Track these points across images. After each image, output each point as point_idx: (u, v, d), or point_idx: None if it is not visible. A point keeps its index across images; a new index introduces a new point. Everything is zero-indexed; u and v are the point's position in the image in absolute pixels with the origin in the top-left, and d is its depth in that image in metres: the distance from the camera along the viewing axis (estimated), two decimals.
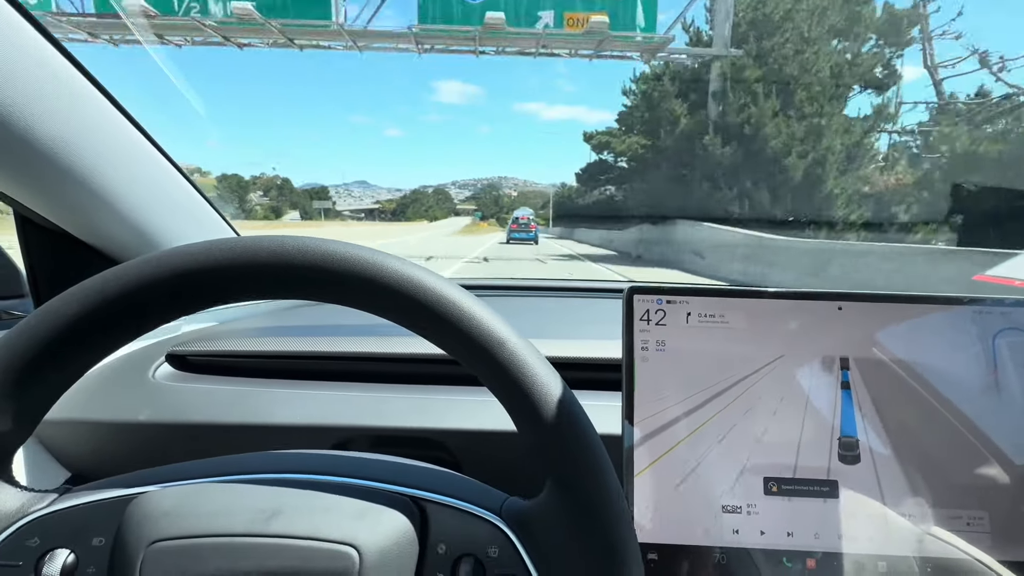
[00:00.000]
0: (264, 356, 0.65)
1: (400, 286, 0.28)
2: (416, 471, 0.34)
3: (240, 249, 0.28)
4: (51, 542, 0.28)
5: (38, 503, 0.29)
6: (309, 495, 0.29)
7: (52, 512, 0.29)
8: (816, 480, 0.41)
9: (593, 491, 0.28)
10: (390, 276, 0.28)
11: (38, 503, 0.29)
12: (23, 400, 0.28)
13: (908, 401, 0.42)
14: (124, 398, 0.60)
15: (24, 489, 0.30)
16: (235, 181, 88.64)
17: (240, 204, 76.27)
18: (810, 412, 0.42)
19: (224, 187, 60.08)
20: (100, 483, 0.31)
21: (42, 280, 0.66)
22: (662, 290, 0.44)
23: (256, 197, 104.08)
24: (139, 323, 0.28)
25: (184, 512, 0.28)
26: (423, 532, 0.30)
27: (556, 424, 0.28)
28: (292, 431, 0.56)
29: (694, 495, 0.41)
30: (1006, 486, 0.40)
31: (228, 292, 0.28)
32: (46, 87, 0.49)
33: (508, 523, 0.30)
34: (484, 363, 0.28)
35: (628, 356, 0.43)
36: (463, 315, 0.28)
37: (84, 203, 0.58)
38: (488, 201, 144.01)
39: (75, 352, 0.28)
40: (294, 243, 0.28)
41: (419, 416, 0.55)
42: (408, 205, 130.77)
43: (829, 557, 0.40)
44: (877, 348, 0.42)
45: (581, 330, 0.73)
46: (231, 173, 18.59)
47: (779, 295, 0.43)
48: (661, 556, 0.41)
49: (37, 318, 0.27)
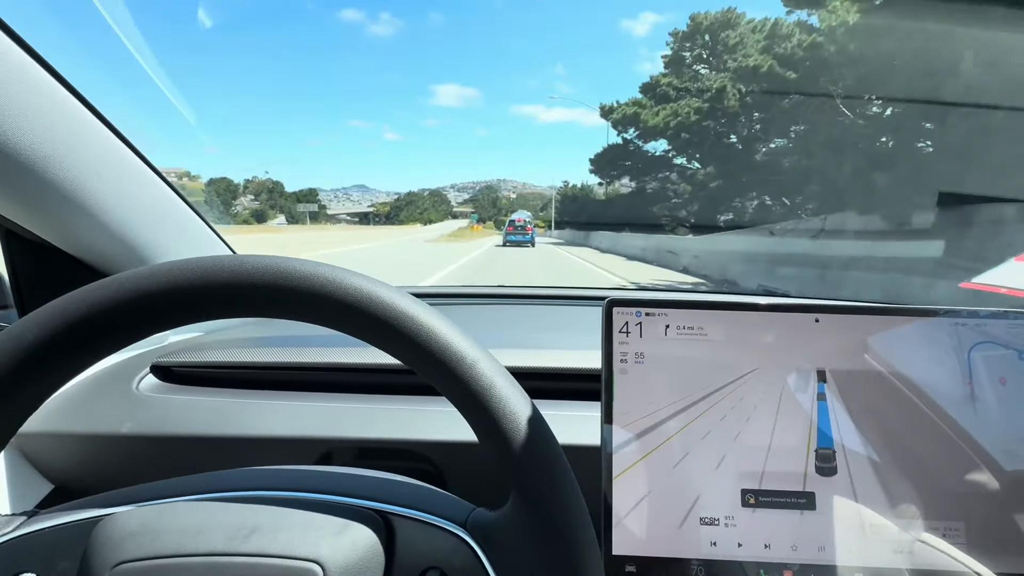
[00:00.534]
0: (249, 367, 0.65)
1: (352, 300, 0.28)
2: (383, 484, 0.34)
3: (198, 269, 0.28)
4: (18, 566, 0.28)
5: (5, 527, 0.29)
6: (275, 512, 0.30)
7: (18, 536, 0.29)
8: (793, 492, 0.41)
9: (554, 502, 0.28)
10: (344, 291, 0.28)
11: (5, 527, 0.29)
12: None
13: (885, 413, 0.42)
14: (108, 410, 0.60)
15: None
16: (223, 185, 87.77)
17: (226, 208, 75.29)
18: (787, 424, 0.42)
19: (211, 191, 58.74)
20: (68, 505, 0.31)
21: (26, 291, 0.66)
22: (641, 302, 0.44)
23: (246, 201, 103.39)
24: (100, 346, 0.28)
25: (149, 532, 0.28)
26: (389, 545, 0.30)
27: (516, 437, 0.28)
28: (276, 443, 0.56)
29: (673, 507, 0.42)
30: (983, 497, 0.40)
31: (190, 312, 0.28)
32: (28, 100, 0.49)
33: (472, 535, 0.30)
34: (440, 375, 0.28)
35: (607, 368, 0.43)
36: (419, 329, 0.28)
37: (67, 215, 0.58)
38: (486, 203, 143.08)
39: (33, 377, 0.28)
40: (254, 262, 0.28)
41: (403, 428, 0.55)
42: (402, 208, 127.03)
43: (807, 569, 0.40)
44: (854, 360, 0.42)
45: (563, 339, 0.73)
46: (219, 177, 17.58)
47: (756, 307, 0.43)
48: (639, 568, 0.41)
49: (6, 335, 0.27)
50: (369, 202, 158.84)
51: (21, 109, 0.49)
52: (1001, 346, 0.42)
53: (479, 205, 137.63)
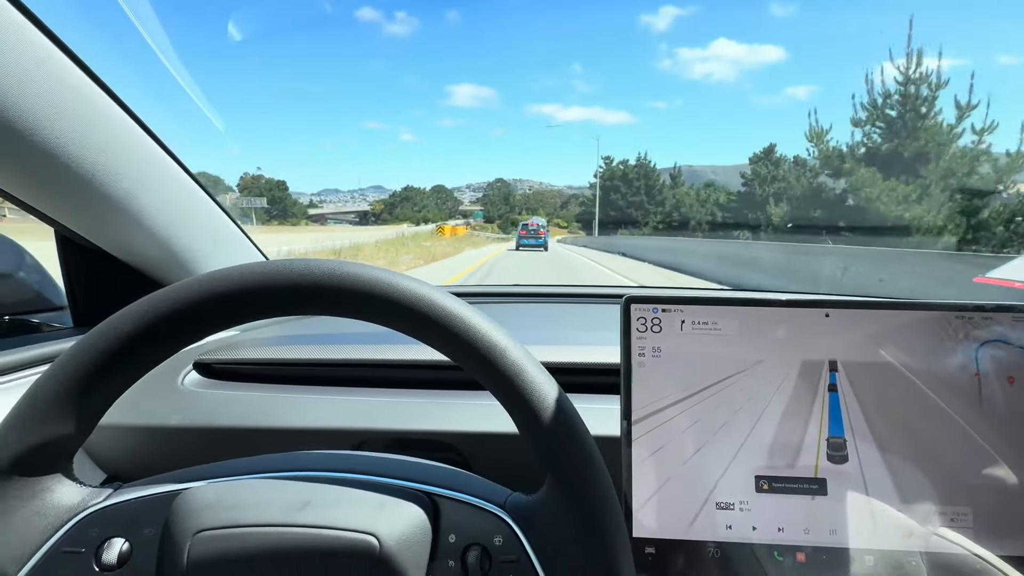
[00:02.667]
0: (284, 364, 0.69)
1: (410, 303, 0.31)
2: (429, 469, 0.37)
3: (272, 272, 0.31)
4: (108, 532, 0.32)
5: (96, 498, 0.33)
6: (335, 490, 0.33)
7: (108, 506, 0.33)
8: (805, 478, 0.43)
9: (586, 487, 0.31)
10: (400, 294, 0.31)
11: (96, 498, 0.33)
12: (83, 407, 0.31)
13: (894, 403, 0.44)
14: (156, 404, 0.64)
15: (83, 485, 0.34)
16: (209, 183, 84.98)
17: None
18: (799, 414, 0.44)
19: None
20: (148, 480, 0.35)
21: (79, 294, 0.71)
22: (658, 299, 0.47)
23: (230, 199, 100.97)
24: (185, 338, 0.32)
25: (225, 505, 0.31)
26: (435, 524, 0.33)
27: (552, 426, 0.31)
28: (312, 434, 0.59)
29: (689, 492, 0.44)
30: (990, 484, 0.42)
31: (262, 310, 0.32)
32: (83, 115, 0.54)
33: (511, 515, 0.33)
34: (486, 371, 0.31)
35: (626, 362, 0.46)
36: (467, 327, 0.31)
37: (118, 223, 0.62)
38: (496, 199, 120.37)
39: (128, 364, 0.32)
40: (320, 266, 0.31)
41: (430, 419, 0.59)
42: (396, 204, 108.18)
43: (818, 551, 0.42)
44: (864, 352, 0.44)
45: (584, 335, 0.76)
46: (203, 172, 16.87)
47: (768, 303, 0.46)
48: (658, 550, 0.43)
49: (96, 335, 0.31)
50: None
51: (83, 125, 0.53)
52: (1010, 344, 0.43)
53: (489, 201, 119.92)
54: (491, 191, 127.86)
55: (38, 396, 0.31)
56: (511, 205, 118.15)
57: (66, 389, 0.31)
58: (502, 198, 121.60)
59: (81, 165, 0.55)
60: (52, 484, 0.32)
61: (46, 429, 0.31)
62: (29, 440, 0.31)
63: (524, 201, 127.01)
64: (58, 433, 0.31)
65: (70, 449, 0.33)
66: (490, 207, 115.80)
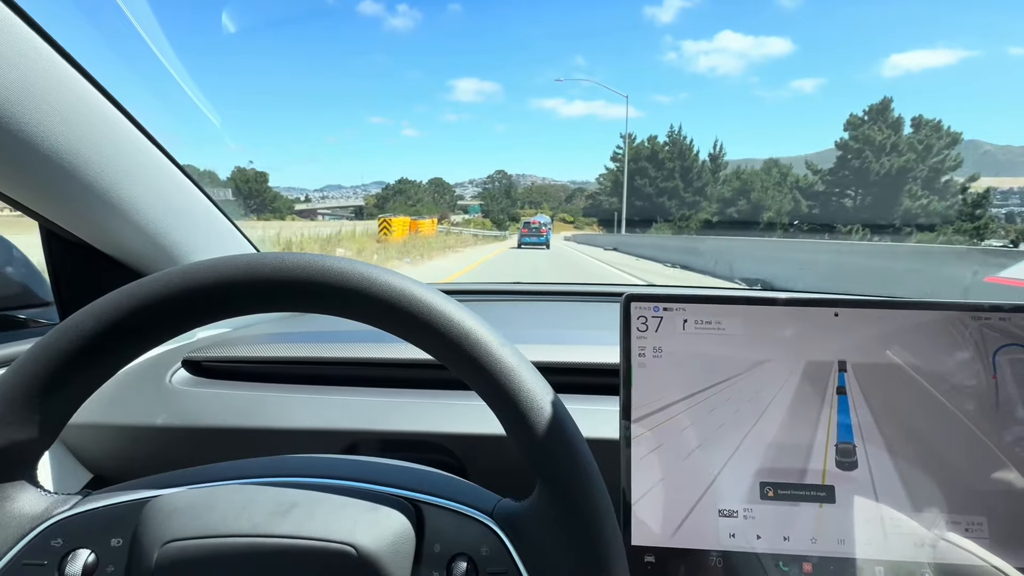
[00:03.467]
0: (275, 362, 0.67)
1: (389, 298, 0.29)
2: (414, 473, 0.35)
3: (243, 265, 0.29)
4: (73, 543, 0.30)
5: (61, 506, 0.31)
6: (313, 496, 0.31)
7: (74, 514, 0.31)
8: (813, 485, 0.41)
9: (577, 493, 0.29)
10: (378, 288, 0.29)
11: (61, 506, 0.31)
12: (46, 410, 0.29)
13: (905, 407, 0.42)
14: (142, 403, 0.62)
15: (48, 493, 0.32)
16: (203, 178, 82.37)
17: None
18: (806, 418, 0.42)
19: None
20: (118, 487, 0.33)
21: (65, 289, 0.69)
22: (659, 297, 0.45)
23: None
24: (152, 337, 0.30)
25: (196, 513, 0.29)
26: (419, 532, 0.31)
27: (542, 430, 0.29)
28: (303, 435, 0.58)
29: (691, 499, 0.42)
30: (1006, 492, 0.40)
31: (234, 306, 0.30)
32: (67, 107, 0.52)
33: (499, 523, 0.31)
34: (471, 370, 0.29)
35: (626, 362, 0.44)
36: (450, 324, 0.29)
37: (104, 217, 0.60)
38: (497, 192, 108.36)
39: (92, 364, 0.30)
40: (295, 259, 0.30)
41: (424, 420, 0.57)
42: (389, 198, 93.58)
43: (826, 561, 0.40)
44: (873, 354, 0.42)
45: (583, 335, 0.74)
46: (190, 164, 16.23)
47: (774, 302, 0.44)
48: (658, 558, 0.42)
49: (56, 334, 0.29)
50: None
51: (63, 116, 0.51)
52: None
53: (489, 195, 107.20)
54: (491, 184, 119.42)
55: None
56: (512, 199, 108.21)
57: (25, 392, 0.29)
58: (503, 191, 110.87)
59: (63, 156, 0.53)
60: (13, 492, 0.30)
61: (5, 435, 0.29)
62: None
63: (527, 194, 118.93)
64: (17, 438, 0.29)
65: (32, 454, 0.31)
66: (490, 201, 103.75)
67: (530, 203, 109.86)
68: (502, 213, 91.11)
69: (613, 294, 1.03)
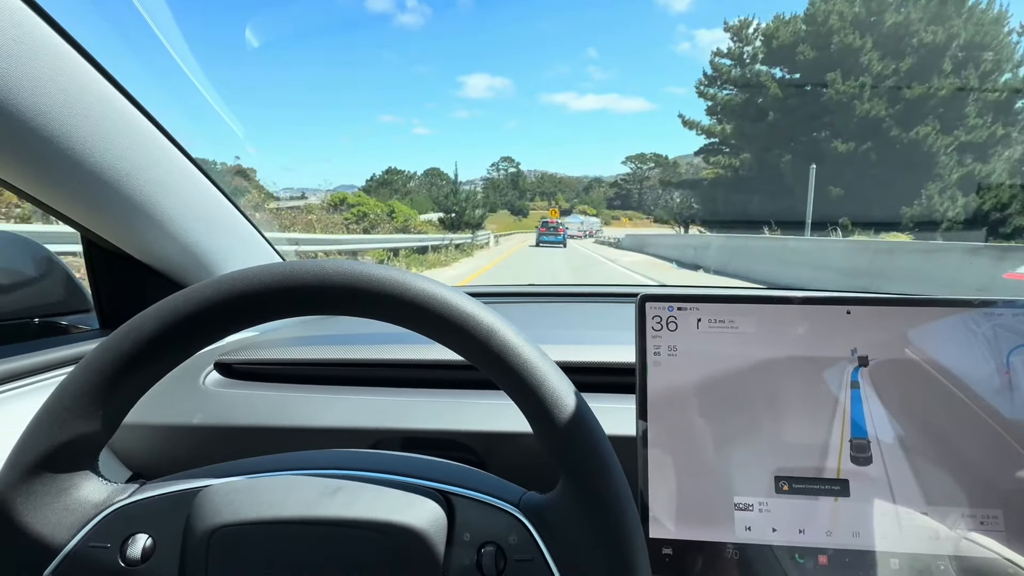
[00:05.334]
0: (302, 364, 0.70)
1: (423, 302, 0.31)
2: (444, 467, 0.37)
3: (288, 272, 0.32)
4: (133, 528, 0.33)
5: (121, 494, 0.34)
6: (353, 486, 0.33)
7: (133, 502, 0.33)
8: (827, 479, 0.42)
9: (600, 485, 0.31)
10: (413, 294, 0.31)
11: (121, 494, 0.34)
12: (109, 405, 0.32)
13: (920, 402, 0.42)
14: (178, 403, 0.65)
15: (109, 482, 0.35)
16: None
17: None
18: (821, 414, 0.43)
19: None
20: (171, 477, 0.36)
21: (104, 296, 0.73)
22: (673, 297, 0.46)
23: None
24: (206, 337, 0.33)
25: (244, 501, 0.32)
26: (450, 521, 0.33)
27: (565, 423, 0.31)
28: (330, 433, 0.60)
29: (707, 493, 0.43)
30: (1021, 487, 0.41)
31: (279, 310, 0.32)
32: (110, 126, 0.55)
33: (525, 514, 0.33)
34: (499, 369, 0.31)
35: (641, 360, 0.45)
36: (479, 327, 0.31)
37: (142, 228, 0.64)
38: (502, 183, 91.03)
39: (151, 363, 0.32)
40: (334, 266, 0.32)
41: (446, 419, 0.59)
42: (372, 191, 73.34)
43: (841, 554, 0.41)
44: (887, 350, 0.43)
45: (599, 335, 0.75)
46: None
47: (787, 300, 0.45)
48: (675, 551, 0.43)
49: (120, 335, 0.32)
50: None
51: (106, 132, 0.55)
52: None
53: (493, 186, 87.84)
54: (496, 172, 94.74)
55: (65, 396, 0.32)
56: (521, 190, 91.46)
57: (92, 388, 0.32)
58: (509, 181, 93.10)
59: (105, 172, 0.56)
60: (79, 481, 0.33)
61: (73, 427, 0.32)
62: (57, 438, 0.32)
63: (538, 184, 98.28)
64: (84, 431, 0.32)
65: (96, 446, 0.34)
66: (493, 193, 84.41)
67: (541, 194, 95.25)
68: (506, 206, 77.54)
69: (627, 295, 1.04)
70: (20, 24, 0.45)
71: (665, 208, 43.94)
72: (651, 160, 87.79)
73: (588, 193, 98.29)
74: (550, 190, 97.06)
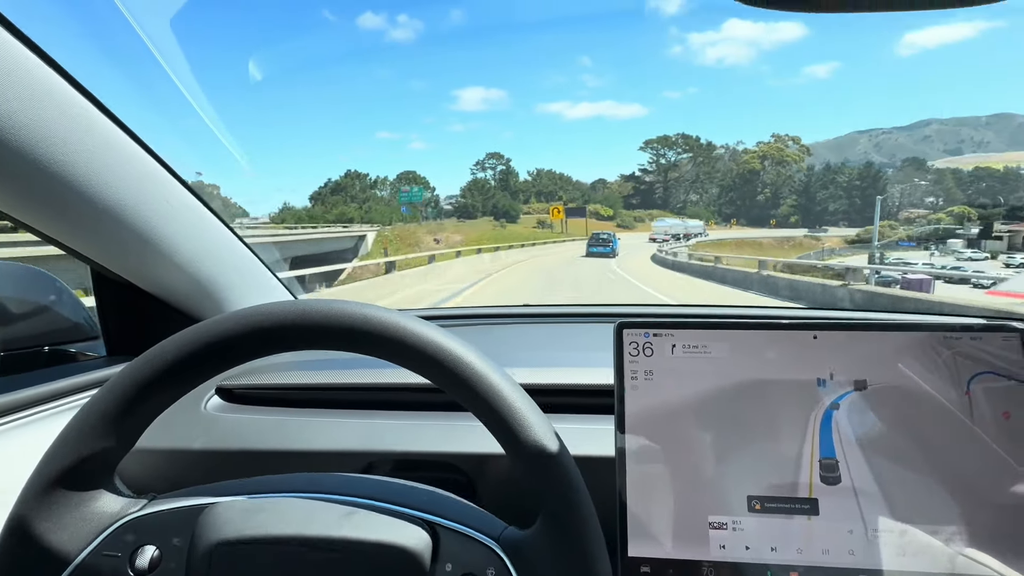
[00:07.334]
0: (300, 388, 0.72)
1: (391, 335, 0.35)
2: (432, 497, 0.40)
3: (292, 310, 0.36)
4: (142, 539, 0.36)
5: (132, 507, 0.37)
6: (345, 511, 0.36)
7: (143, 515, 0.36)
8: (797, 498, 0.44)
9: (575, 530, 0.34)
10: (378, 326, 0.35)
11: (132, 507, 0.37)
12: (127, 425, 0.36)
13: (886, 423, 0.44)
14: (181, 428, 0.68)
15: (122, 495, 0.37)
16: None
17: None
18: (792, 435, 0.45)
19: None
20: (179, 492, 0.39)
21: (112, 325, 0.76)
22: (649, 324, 0.49)
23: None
24: (219, 366, 0.36)
25: (246, 519, 0.34)
26: (435, 550, 0.35)
27: (542, 467, 0.34)
28: (326, 456, 0.62)
29: (683, 512, 0.45)
30: (982, 502, 0.42)
31: (289, 343, 0.36)
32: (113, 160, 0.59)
33: (504, 549, 0.35)
34: (473, 406, 0.34)
35: (619, 384, 0.47)
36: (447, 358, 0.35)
37: (148, 260, 0.67)
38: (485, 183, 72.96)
39: (168, 388, 0.36)
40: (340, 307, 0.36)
41: (436, 441, 0.61)
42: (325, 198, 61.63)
43: (812, 571, 0.43)
44: (854, 373, 0.45)
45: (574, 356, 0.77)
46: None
47: (756, 326, 0.47)
48: (653, 569, 0.45)
49: (143, 361, 0.36)
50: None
51: (109, 168, 0.58)
52: (1003, 377, 0.43)
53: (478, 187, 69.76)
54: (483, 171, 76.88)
55: (91, 414, 0.35)
56: (512, 191, 73.95)
57: (115, 409, 0.35)
58: (498, 182, 75.27)
59: (111, 206, 0.59)
60: (96, 493, 0.36)
61: (95, 443, 0.35)
62: (80, 452, 0.35)
63: (535, 183, 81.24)
64: (105, 447, 0.35)
65: (113, 462, 0.37)
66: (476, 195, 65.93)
67: (538, 194, 79.66)
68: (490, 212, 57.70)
69: (604, 315, 1.06)
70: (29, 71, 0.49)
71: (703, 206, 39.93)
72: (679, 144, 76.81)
73: (596, 192, 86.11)
74: (549, 189, 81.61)
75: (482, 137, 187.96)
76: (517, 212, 62.97)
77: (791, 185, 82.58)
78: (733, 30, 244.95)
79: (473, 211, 60.65)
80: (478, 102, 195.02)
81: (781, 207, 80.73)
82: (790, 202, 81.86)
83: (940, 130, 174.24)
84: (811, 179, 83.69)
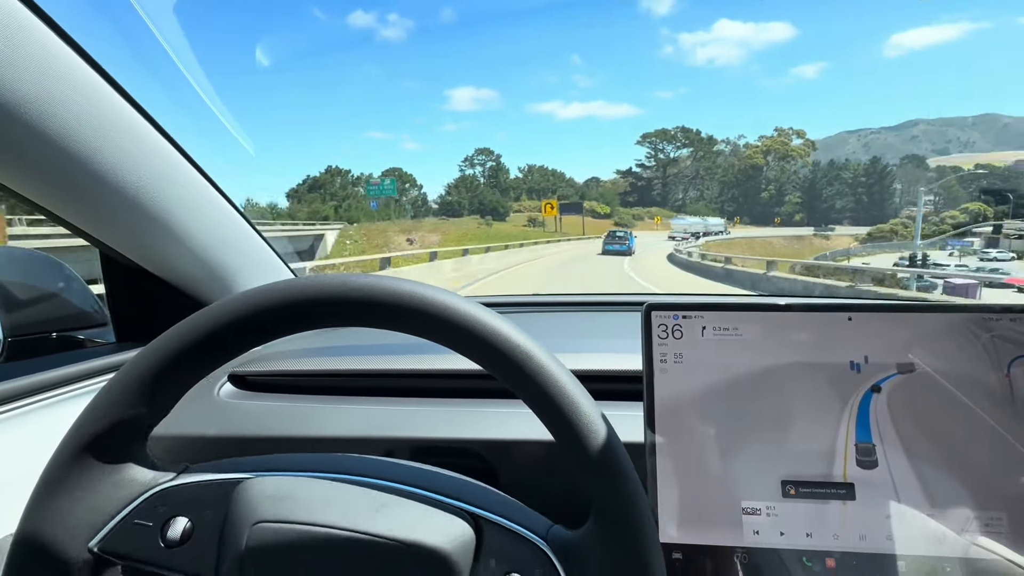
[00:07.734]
0: (314, 375, 0.71)
1: (450, 317, 0.33)
2: (472, 488, 0.38)
3: (321, 285, 0.34)
4: (174, 510, 0.34)
5: (164, 477, 0.36)
6: (385, 498, 0.34)
7: (175, 485, 0.35)
8: (833, 483, 0.43)
9: (631, 532, 0.32)
10: (449, 311, 0.33)
11: (164, 477, 0.36)
12: (161, 393, 0.35)
13: (923, 407, 0.43)
14: (194, 415, 0.67)
15: (154, 465, 0.36)
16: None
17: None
18: (826, 419, 0.44)
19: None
20: (211, 464, 0.37)
21: (121, 311, 0.75)
22: (678, 306, 0.47)
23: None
24: (250, 342, 0.35)
25: (283, 500, 0.33)
26: (478, 545, 0.34)
27: (599, 463, 0.32)
28: (342, 442, 0.61)
29: (715, 498, 0.44)
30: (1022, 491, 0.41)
31: (314, 320, 0.34)
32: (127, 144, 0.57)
33: (553, 549, 0.33)
34: (522, 384, 0.33)
35: (648, 368, 0.46)
36: (528, 362, 0.33)
37: (159, 244, 0.66)
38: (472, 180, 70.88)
39: (200, 360, 0.35)
40: (356, 281, 0.33)
41: (457, 427, 0.60)
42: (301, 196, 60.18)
43: (848, 557, 0.42)
44: (889, 356, 0.44)
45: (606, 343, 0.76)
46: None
47: (790, 307, 0.46)
48: (685, 555, 0.44)
49: (177, 331, 0.34)
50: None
51: (124, 151, 0.57)
52: None
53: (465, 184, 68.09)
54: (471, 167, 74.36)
55: (126, 379, 0.34)
56: (503, 188, 71.71)
57: (150, 375, 0.34)
58: (487, 179, 73.13)
59: (123, 188, 0.58)
60: (129, 461, 0.35)
61: (129, 409, 0.34)
62: (114, 417, 0.34)
63: (526, 180, 79.12)
64: (138, 414, 0.34)
65: (145, 430, 0.36)
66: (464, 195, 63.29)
67: (530, 191, 78.38)
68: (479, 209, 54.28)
69: (632, 304, 1.05)
70: (46, 47, 0.47)
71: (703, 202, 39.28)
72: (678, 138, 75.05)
73: (590, 189, 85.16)
74: (541, 186, 79.29)
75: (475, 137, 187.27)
76: (506, 209, 59.56)
77: (795, 182, 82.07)
78: (723, 30, 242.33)
79: (459, 209, 57.72)
80: (469, 102, 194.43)
81: (785, 204, 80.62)
82: (794, 199, 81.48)
83: (927, 130, 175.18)
84: (816, 175, 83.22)
